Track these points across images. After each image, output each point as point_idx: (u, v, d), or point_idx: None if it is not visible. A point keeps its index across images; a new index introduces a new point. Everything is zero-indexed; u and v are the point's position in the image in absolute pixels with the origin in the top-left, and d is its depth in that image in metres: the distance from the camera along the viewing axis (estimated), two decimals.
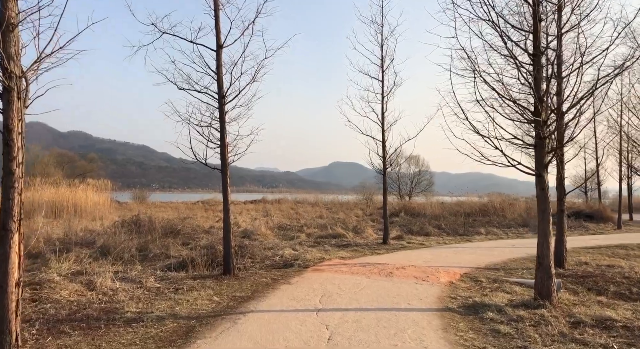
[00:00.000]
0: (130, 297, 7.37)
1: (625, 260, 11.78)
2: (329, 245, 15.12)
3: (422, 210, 30.64)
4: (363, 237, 17.55)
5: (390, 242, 15.76)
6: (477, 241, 17.20)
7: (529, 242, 16.60)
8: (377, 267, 10.27)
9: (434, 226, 21.66)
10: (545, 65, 7.10)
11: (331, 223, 20.88)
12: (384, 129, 15.79)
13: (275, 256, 12.56)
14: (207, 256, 11.94)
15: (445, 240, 17.40)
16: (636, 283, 9.11)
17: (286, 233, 18.82)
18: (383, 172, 15.87)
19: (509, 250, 14.25)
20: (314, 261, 11.43)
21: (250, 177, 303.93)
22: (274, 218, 26.07)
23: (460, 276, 9.45)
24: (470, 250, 14.06)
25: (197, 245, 14.81)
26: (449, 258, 12.18)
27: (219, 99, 9.45)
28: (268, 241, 15.56)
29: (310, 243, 15.62)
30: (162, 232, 17.08)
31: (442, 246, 15.39)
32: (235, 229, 20.11)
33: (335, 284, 8.51)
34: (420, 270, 9.91)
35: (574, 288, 8.69)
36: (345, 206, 42.21)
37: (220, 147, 9.47)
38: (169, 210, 31.56)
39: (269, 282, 8.84)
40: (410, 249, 14.40)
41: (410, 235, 18.46)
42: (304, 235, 17.92)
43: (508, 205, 31.10)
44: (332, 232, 17.83)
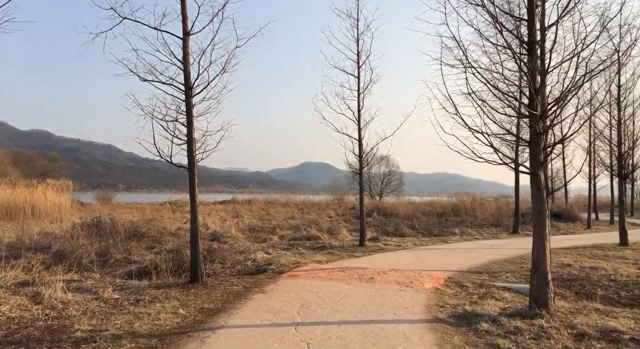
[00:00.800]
0: (83, 311, 6.51)
1: (605, 261, 11.54)
2: (303, 248, 14.44)
3: (394, 210, 30.36)
4: (338, 239, 16.95)
5: (367, 244, 15.20)
6: (454, 242, 16.85)
7: (505, 243, 16.35)
8: (356, 272, 9.66)
9: (408, 226, 21.25)
10: (540, 56, 6.62)
11: (305, 224, 20.22)
12: (360, 127, 15.22)
13: (247, 260, 11.82)
14: (173, 261, 11.11)
15: (422, 241, 16.98)
16: (623, 286, 8.81)
17: (258, 235, 18.04)
18: (359, 171, 15.31)
19: (488, 251, 13.91)
20: (288, 265, 10.74)
21: (219, 177, 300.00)
22: (245, 220, 25.23)
23: (445, 281, 8.93)
24: (449, 252, 13.64)
25: (163, 248, 13.91)
26: (430, 261, 11.69)
27: (185, 91, 8.64)
28: (239, 244, 14.78)
29: (284, 246, 14.91)
30: (125, 235, 16.07)
31: (420, 247, 14.94)
32: (204, 231, 19.21)
33: (314, 292, 7.84)
34: (402, 275, 9.34)
35: (562, 293, 8.30)
36: (317, 206, 41.68)
37: (187, 143, 8.66)
38: (135, 211, 30.25)
39: (241, 291, 8.10)
40: (387, 251, 13.87)
41: (385, 236, 17.97)
42: (277, 237, 17.19)
43: (478, 205, 31.17)
44: (306, 234, 17.16)
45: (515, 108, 6.70)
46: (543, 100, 6.39)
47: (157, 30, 8.58)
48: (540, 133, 6.48)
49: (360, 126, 15.21)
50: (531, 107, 6.36)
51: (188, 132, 8.65)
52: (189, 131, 8.63)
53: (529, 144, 6.58)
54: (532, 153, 6.54)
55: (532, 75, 6.30)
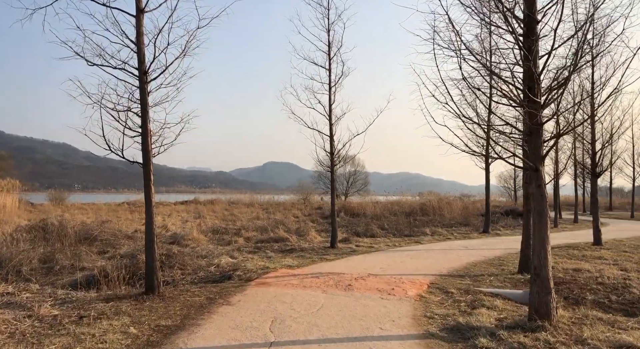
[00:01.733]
0: (10, 334, 5.41)
1: (585, 262, 11.17)
2: (271, 251, 13.52)
3: (362, 210, 29.79)
4: (307, 240, 16.10)
5: (338, 246, 14.42)
6: (427, 242, 16.29)
7: (479, 243, 15.92)
8: (332, 278, 8.83)
9: (377, 226, 20.63)
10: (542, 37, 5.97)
11: (272, 225, 19.27)
12: (331, 122, 14.43)
13: (210, 265, 10.83)
14: (127, 267, 10.04)
15: (394, 242, 16.35)
16: (612, 290, 8.35)
17: (221, 237, 16.98)
18: (331, 169, 14.51)
19: (464, 252, 13.38)
20: (256, 271, 9.81)
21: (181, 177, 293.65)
22: (207, 221, 24.04)
23: (428, 287, 8.23)
24: (425, 254, 13.02)
25: (117, 253, 12.75)
26: (407, 264, 11.01)
27: (139, 76, 7.59)
28: (201, 248, 13.73)
29: (250, 249, 13.96)
30: (76, 238, 14.72)
31: (393, 249, 14.28)
32: (164, 233, 18.01)
33: (287, 303, 6.96)
34: (382, 281, 8.58)
35: None
36: (282, 206, 40.81)
37: (142, 135, 7.61)
38: (90, 212, 28.49)
39: (204, 303, 7.13)
40: (360, 253, 13.13)
41: (356, 237, 17.26)
42: (242, 240, 16.19)
43: (445, 204, 31.00)
44: (273, 235, 16.23)
45: (515, 96, 6.02)
46: (539, 87, 5.73)
47: (107, 7, 7.50)
48: (542, 124, 5.84)
49: (331, 121, 14.42)
50: (532, 94, 5.69)
51: (142, 123, 7.61)
52: (144, 121, 7.59)
53: (529, 136, 5.92)
54: (533, 147, 5.89)
55: (534, 58, 5.64)
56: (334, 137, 14.41)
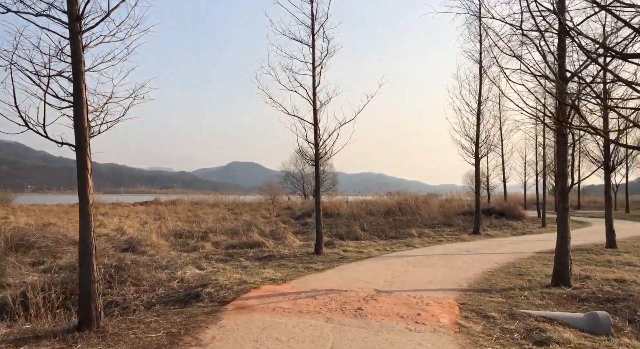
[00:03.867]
0: None
1: (618, 269, 9.62)
2: (246, 259, 11.41)
3: (336, 210, 28.00)
4: (286, 245, 14.04)
5: (324, 251, 12.43)
6: (419, 246, 14.52)
7: (478, 246, 14.28)
8: (333, 298, 6.83)
9: (359, 228, 18.78)
10: None
11: (244, 227, 17.08)
12: (315, 108, 12.44)
13: (173, 279, 8.68)
14: (65, 285, 7.85)
15: (383, 245, 14.49)
16: None
17: (185, 242, 14.71)
18: (315, 162, 12.50)
19: (469, 258, 11.65)
20: (232, 288, 7.72)
21: (141, 177, 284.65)
22: (169, 223, 21.57)
23: (460, 310, 6.35)
24: (427, 261, 11.20)
25: (56, 264, 10.38)
26: (414, 275, 9.14)
27: (70, 24, 5.39)
28: (161, 256, 11.49)
29: (221, 256, 11.79)
30: (7, 246, 12.21)
31: (387, 255, 12.40)
32: (118, 237, 15.59)
33: (283, 342, 4.92)
34: (399, 301, 6.64)
35: (613, 322, 6.02)
36: (248, 207, 38.74)
37: (74, 105, 5.40)
38: (36, 214, 25.49)
39: (163, 343, 4.99)
40: (352, 260, 11.19)
41: (340, 241, 15.32)
42: (210, 244, 13.98)
43: (423, 203, 29.59)
44: (247, 240, 14.08)
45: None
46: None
47: None
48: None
49: (315, 107, 12.43)
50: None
51: (75, 89, 5.39)
52: (77, 87, 5.38)
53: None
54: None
55: None
56: (318, 125, 12.43)
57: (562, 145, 8.08)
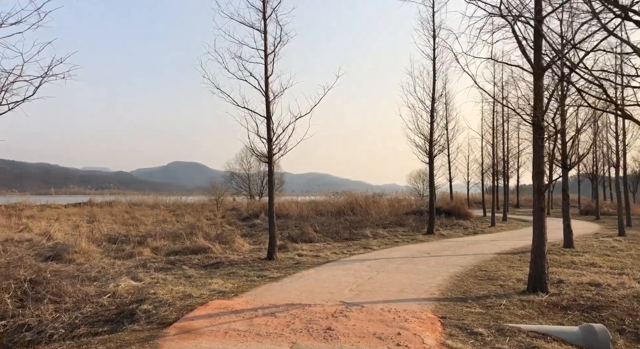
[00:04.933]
0: None
1: (585, 271, 9.29)
2: (190, 266, 10.18)
3: (285, 211, 26.96)
4: (235, 249, 12.88)
5: (278, 256, 11.39)
6: (377, 248, 13.78)
7: (437, 248, 13.75)
8: (296, 314, 5.82)
9: (311, 229, 17.89)
10: None
11: (186, 230, 15.69)
12: (268, 99, 11.39)
13: (103, 294, 7.40)
14: None
15: (339, 248, 13.63)
16: None
17: (121, 247, 13.19)
18: (268, 159, 11.43)
19: (432, 261, 11.02)
20: (174, 304, 6.56)
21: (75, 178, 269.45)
22: (103, 226, 19.68)
23: (442, 326, 5.55)
24: (389, 265, 10.43)
25: None
26: (380, 282, 8.31)
27: None
28: (91, 264, 10.10)
29: (161, 264, 10.48)
30: None
31: (345, 259, 11.55)
32: (43, 243, 13.82)
33: None
34: (373, 317, 5.74)
35: None
36: (191, 208, 36.88)
37: None
38: None
39: None
40: (309, 266, 10.23)
41: (293, 243, 14.31)
42: (149, 250, 12.57)
43: (372, 203, 29.19)
44: (190, 245, 12.77)
45: None
46: None
47: None
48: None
49: (268, 98, 11.38)
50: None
51: None
52: None
53: None
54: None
55: None
56: (271, 118, 11.39)
57: (539, 140, 7.53)
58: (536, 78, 7.42)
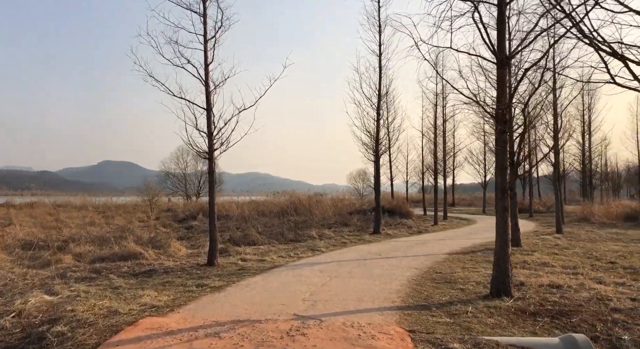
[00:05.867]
0: None
1: (540, 271, 9.07)
2: (119, 275, 8.98)
3: (225, 211, 25.76)
4: (170, 255, 11.72)
5: (219, 262, 10.38)
6: (326, 250, 13.05)
7: (387, 248, 13.28)
8: (244, 334, 4.94)
9: (254, 230, 16.94)
10: None
11: (115, 234, 14.24)
12: (208, 90, 10.37)
13: (5, 314, 6.23)
14: None
15: (285, 251, 12.80)
16: (633, 316, 6.01)
17: (38, 254, 11.65)
18: (209, 155, 10.39)
19: (386, 263, 10.45)
20: (96, 323, 5.49)
21: None
22: (19, 230, 17.66)
23: (412, 340, 4.89)
24: (341, 269, 9.73)
25: None
26: (336, 289, 7.58)
27: None
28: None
29: (84, 274, 9.20)
30: None
31: (294, 263, 10.73)
32: None
33: None
34: (335, 335, 4.97)
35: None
36: (122, 209, 34.71)
37: None
38: None
39: None
40: (255, 272, 9.32)
41: (235, 247, 13.31)
42: (70, 258, 11.17)
43: (316, 203, 28.60)
44: (119, 250, 11.46)
45: None
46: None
47: None
48: None
49: (208, 88, 10.36)
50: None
51: None
52: None
53: None
54: None
55: None
56: (212, 110, 10.38)
57: (503, 133, 7.11)
58: (500, 67, 6.99)
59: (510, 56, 6.95)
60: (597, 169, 45.83)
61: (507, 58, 6.95)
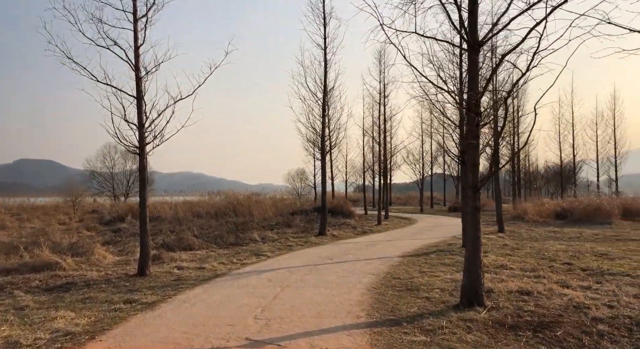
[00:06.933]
0: None
1: (502, 275, 8.62)
2: (27, 291, 7.52)
3: (157, 213, 24.05)
4: (93, 263, 10.25)
5: (152, 271, 9.09)
6: (270, 254, 12.04)
7: (337, 251, 12.51)
8: None
9: (190, 234, 15.62)
10: None
11: (29, 239, 12.42)
12: (139, 76, 9.07)
13: None
14: None
15: (226, 256, 11.67)
16: (614, 326, 5.57)
17: None
18: (139, 150, 9.08)
19: (339, 268, 9.63)
20: None
21: None
22: None
23: None
24: (293, 277, 8.78)
25: None
26: (290, 303, 6.63)
27: None
28: None
29: None
30: None
31: (237, 270, 9.65)
32: None
33: None
34: None
35: None
36: (41, 210, 31.90)
37: None
38: None
39: None
40: (194, 283, 8.15)
41: (170, 252, 11.99)
42: None
43: (255, 203, 27.47)
44: (31, 260, 9.84)
45: None
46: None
47: None
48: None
49: (139, 74, 9.06)
50: None
51: None
52: None
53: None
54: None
55: None
56: (144, 99, 9.08)
57: (474, 127, 6.48)
58: (472, 53, 6.36)
59: (484, 41, 6.34)
60: (522, 169, 48.01)
61: (481, 42, 6.34)
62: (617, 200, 24.66)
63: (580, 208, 23.48)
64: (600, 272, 8.67)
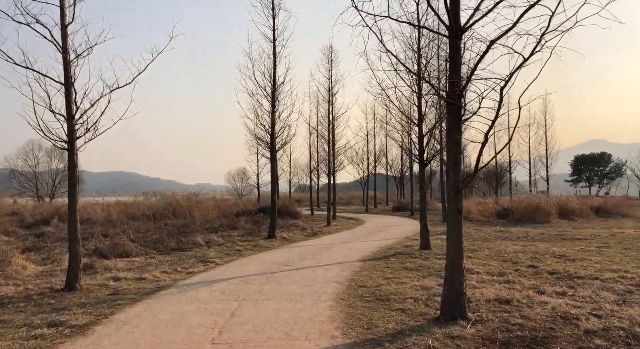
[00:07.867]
0: None
1: (474, 281, 8.17)
2: None
3: (87, 215, 22.10)
4: (11, 276, 8.81)
5: (82, 284, 7.84)
6: (219, 260, 10.99)
7: (291, 256, 11.70)
8: None
9: (126, 238, 14.21)
10: None
11: None
12: (68, 59, 7.80)
13: None
14: None
15: (171, 264, 10.52)
16: (609, 339, 5.18)
17: None
18: (69, 144, 7.79)
19: (298, 275, 8.82)
20: None
21: None
22: None
23: None
24: (250, 288, 7.86)
25: None
26: (252, 321, 5.74)
27: None
28: None
29: None
30: None
31: (184, 281, 8.57)
32: None
33: None
34: None
35: None
36: None
37: None
38: None
39: None
40: (134, 298, 7.04)
41: (104, 260, 10.65)
42: None
43: (195, 203, 26.06)
44: None
45: None
46: None
47: None
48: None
49: (67, 57, 7.80)
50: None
51: None
52: None
53: None
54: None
55: None
56: (73, 86, 7.82)
57: (457, 120, 5.89)
58: (454, 39, 5.76)
59: (467, 26, 5.75)
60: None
61: (464, 28, 5.75)
62: (553, 200, 25.57)
63: (521, 208, 24.13)
64: (568, 276, 8.43)
